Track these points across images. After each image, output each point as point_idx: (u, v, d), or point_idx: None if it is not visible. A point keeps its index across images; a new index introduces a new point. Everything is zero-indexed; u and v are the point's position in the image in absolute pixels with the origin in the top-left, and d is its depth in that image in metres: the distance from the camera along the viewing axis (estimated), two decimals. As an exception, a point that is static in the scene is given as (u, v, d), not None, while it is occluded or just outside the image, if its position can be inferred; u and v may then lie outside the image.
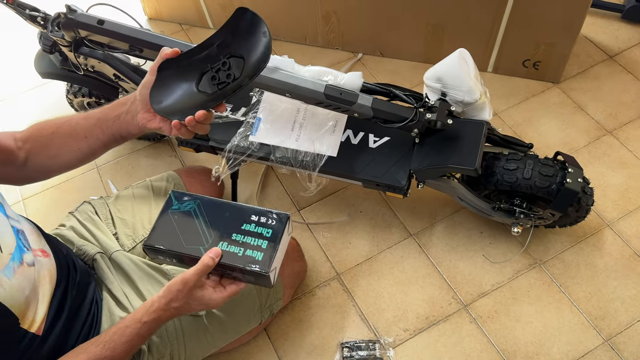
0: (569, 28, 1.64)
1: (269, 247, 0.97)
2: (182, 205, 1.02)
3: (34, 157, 1.02)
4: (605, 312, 1.37)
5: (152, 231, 0.99)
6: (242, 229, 0.99)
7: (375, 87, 1.31)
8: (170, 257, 1.01)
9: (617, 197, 1.56)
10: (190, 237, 0.98)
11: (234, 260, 0.95)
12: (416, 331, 1.38)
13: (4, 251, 0.84)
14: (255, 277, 0.97)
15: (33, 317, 0.88)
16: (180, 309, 0.92)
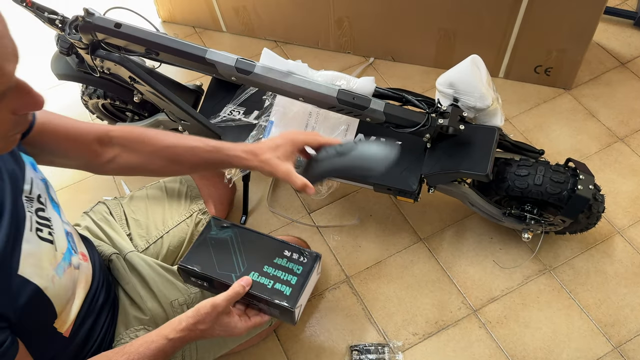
0: (581, 34, 1.65)
1: (298, 284, 1.01)
2: (220, 232, 1.07)
3: (121, 160, 1.06)
4: (615, 319, 1.37)
5: (189, 253, 1.04)
6: (274, 262, 1.04)
7: (387, 92, 1.32)
8: (201, 280, 1.05)
9: (628, 204, 1.56)
10: (224, 263, 1.03)
11: (262, 292, 0.99)
12: (425, 335, 1.38)
13: (57, 250, 0.87)
14: (280, 312, 1.01)
15: (65, 318, 0.91)
16: (205, 331, 0.93)
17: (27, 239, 0.80)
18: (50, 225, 0.88)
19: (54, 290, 0.83)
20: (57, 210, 0.94)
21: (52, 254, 0.85)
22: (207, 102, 1.52)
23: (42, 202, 0.89)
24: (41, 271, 0.81)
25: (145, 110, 1.59)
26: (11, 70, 0.63)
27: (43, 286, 0.81)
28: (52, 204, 0.93)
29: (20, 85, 0.66)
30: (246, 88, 1.50)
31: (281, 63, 1.30)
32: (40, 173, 0.94)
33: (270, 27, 2.05)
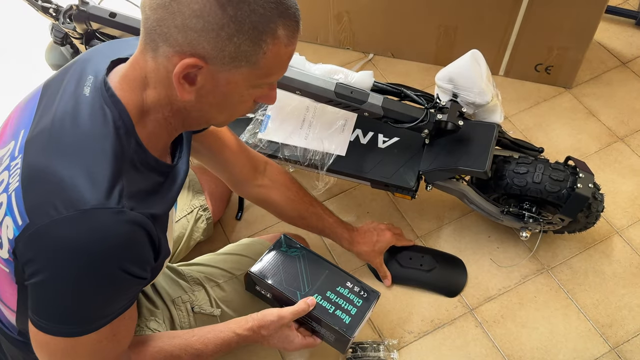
0: (582, 33, 1.63)
1: (358, 315, 1.09)
2: (290, 250, 1.14)
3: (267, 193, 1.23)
4: (613, 320, 1.36)
5: (259, 262, 1.11)
6: (337, 290, 1.11)
7: (386, 87, 1.31)
8: (266, 291, 1.11)
9: (627, 204, 1.55)
10: (291, 280, 1.10)
11: (324, 315, 1.06)
12: (421, 334, 1.37)
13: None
14: (336, 337, 1.08)
15: None
16: (265, 338, 1.00)
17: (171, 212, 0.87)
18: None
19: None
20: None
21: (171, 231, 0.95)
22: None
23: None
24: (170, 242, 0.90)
25: (140, 103, 1.57)
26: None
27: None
28: None
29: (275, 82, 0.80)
30: (243, 81, 1.48)
31: (278, 56, 1.28)
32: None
33: (269, 21, 2.03)
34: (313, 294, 1.08)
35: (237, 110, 0.80)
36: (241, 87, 0.74)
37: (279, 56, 0.72)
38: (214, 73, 0.70)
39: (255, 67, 0.71)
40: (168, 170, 0.82)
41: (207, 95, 0.73)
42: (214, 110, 0.77)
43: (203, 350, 0.94)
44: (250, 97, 0.77)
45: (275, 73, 0.75)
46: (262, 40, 0.68)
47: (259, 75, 0.73)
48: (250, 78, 0.72)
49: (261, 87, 0.76)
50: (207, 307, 1.15)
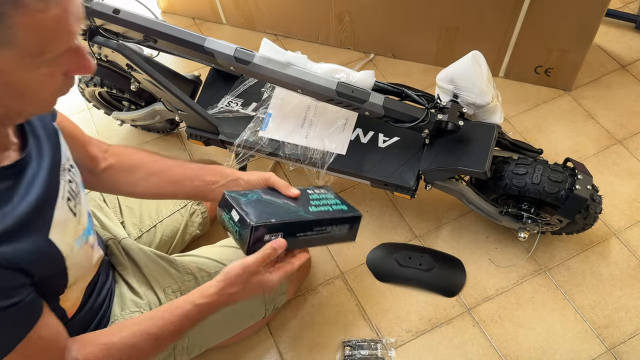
0: (582, 35, 1.64)
1: (345, 203, 1.06)
2: (248, 197, 0.98)
3: (112, 173, 1.08)
4: (610, 321, 1.36)
5: (248, 215, 0.90)
6: (313, 199, 1.03)
7: (387, 87, 1.31)
8: (276, 233, 0.95)
9: (625, 206, 1.56)
10: (282, 210, 0.97)
11: (332, 214, 1.00)
12: (418, 332, 1.37)
13: (80, 224, 0.87)
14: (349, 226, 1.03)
15: (70, 296, 0.91)
16: (236, 295, 0.91)
17: (59, 206, 0.81)
18: (78, 199, 0.89)
19: (71, 261, 0.83)
20: (83, 190, 0.95)
21: (75, 226, 0.85)
22: (205, 92, 1.51)
23: (73, 174, 0.90)
24: (65, 239, 0.81)
25: (142, 100, 1.57)
26: (77, 31, 0.66)
27: (65, 254, 0.81)
28: (81, 183, 0.94)
29: (77, 47, 0.68)
30: (245, 79, 1.49)
31: (280, 54, 1.29)
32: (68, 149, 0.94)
33: (271, 20, 2.04)
34: (308, 209, 0.99)
35: (45, 93, 0.70)
36: (20, 72, 0.64)
37: (38, 26, 0.61)
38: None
39: (15, 47, 0.61)
40: (11, 170, 0.74)
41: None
42: (14, 101, 0.69)
43: (160, 334, 0.88)
44: (52, 75, 0.68)
45: (54, 44, 0.64)
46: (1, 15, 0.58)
47: (30, 53, 0.63)
48: (20, 59, 0.63)
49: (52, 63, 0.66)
50: None
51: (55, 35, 0.63)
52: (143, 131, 1.82)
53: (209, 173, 1.07)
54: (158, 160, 1.10)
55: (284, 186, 1.02)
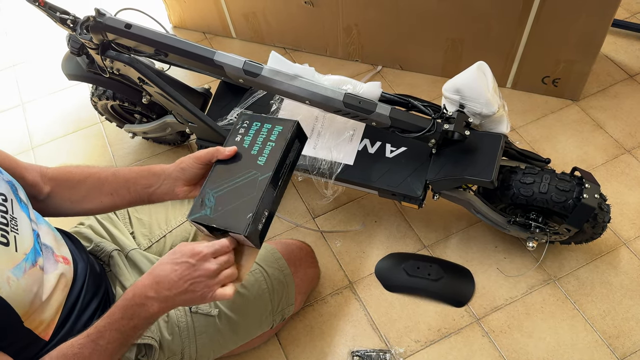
0: (589, 46, 1.65)
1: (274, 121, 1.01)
2: (207, 207, 0.94)
3: (55, 196, 1.06)
4: (620, 331, 1.36)
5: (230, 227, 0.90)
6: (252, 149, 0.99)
7: (393, 97, 1.33)
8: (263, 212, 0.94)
9: (634, 216, 1.55)
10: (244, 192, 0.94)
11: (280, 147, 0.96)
12: (427, 343, 1.37)
13: (18, 250, 0.85)
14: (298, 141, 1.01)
15: (40, 319, 0.89)
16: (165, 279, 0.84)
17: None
18: (13, 225, 0.87)
19: (10, 291, 0.81)
20: (26, 211, 0.93)
21: (8, 255, 0.83)
22: (214, 105, 1.53)
23: (2, 202, 0.88)
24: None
25: (153, 112, 1.60)
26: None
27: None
28: (20, 205, 0.92)
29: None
30: (254, 92, 1.51)
31: (288, 66, 1.31)
32: (6, 175, 0.93)
33: (279, 33, 2.07)
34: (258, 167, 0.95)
35: None
36: None
37: None
38: None
39: None
40: None
41: None
42: None
43: (91, 354, 0.83)
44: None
45: None
46: None
47: None
48: None
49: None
50: (205, 306, 1.14)
51: None
52: (154, 143, 1.85)
53: (142, 177, 1.03)
54: (92, 175, 1.07)
55: (213, 154, 0.98)
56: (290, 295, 1.28)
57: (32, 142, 1.94)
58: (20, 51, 2.31)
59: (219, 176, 0.97)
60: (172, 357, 1.10)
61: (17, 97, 2.12)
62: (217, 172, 0.97)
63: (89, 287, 1.03)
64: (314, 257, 1.41)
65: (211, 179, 0.97)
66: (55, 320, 0.92)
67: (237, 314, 1.17)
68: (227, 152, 0.97)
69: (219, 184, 0.96)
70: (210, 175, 0.97)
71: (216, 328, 1.15)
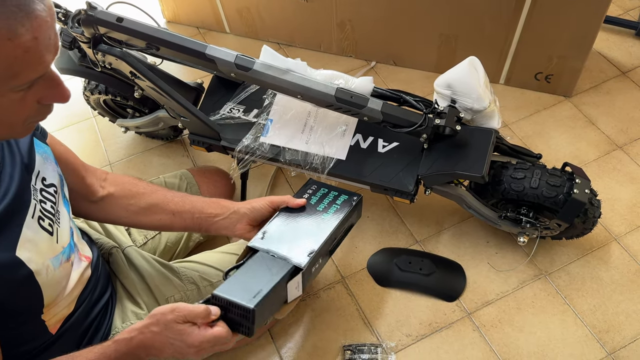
0: (581, 42, 1.65)
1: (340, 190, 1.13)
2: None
3: (112, 201, 1.08)
4: (610, 326, 1.36)
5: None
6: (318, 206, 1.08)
7: (385, 92, 1.33)
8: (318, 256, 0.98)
9: (625, 211, 1.56)
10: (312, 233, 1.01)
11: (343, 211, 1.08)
12: (419, 337, 1.38)
13: (59, 242, 0.88)
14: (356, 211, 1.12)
15: (54, 312, 0.90)
16: (156, 335, 0.81)
17: (27, 225, 0.81)
18: (57, 218, 0.89)
19: (46, 279, 0.84)
20: (67, 207, 0.96)
21: (50, 245, 0.86)
22: (207, 99, 1.53)
23: (53, 193, 0.90)
24: (37, 258, 0.82)
25: (145, 107, 1.60)
26: (49, 61, 0.66)
27: (36, 272, 0.81)
28: (64, 200, 0.95)
29: (51, 76, 0.69)
30: (246, 87, 1.51)
31: (280, 61, 1.31)
32: (58, 168, 0.95)
33: (273, 29, 2.07)
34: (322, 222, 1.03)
35: (15, 119, 0.70)
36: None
37: (6, 53, 0.60)
38: None
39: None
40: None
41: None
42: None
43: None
44: (22, 102, 0.67)
45: (22, 72, 0.64)
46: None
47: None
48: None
49: (23, 89, 0.66)
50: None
51: (24, 64, 0.63)
52: (147, 138, 1.85)
53: (210, 206, 1.07)
54: (158, 191, 1.10)
55: (285, 200, 1.05)
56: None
57: (25, 136, 1.93)
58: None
59: (283, 222, 1.03)
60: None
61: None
62: (281, 219, 1.04)
63: (100, 284, 1.05)
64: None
65: (274, 222, 1.03)
66: (65, 316, 0.94)
67: None
68: (298, 202, 1.04)
69: (283, 224, 1.03)
70: (273, 220, 1.03)
71: None
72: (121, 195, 1.08)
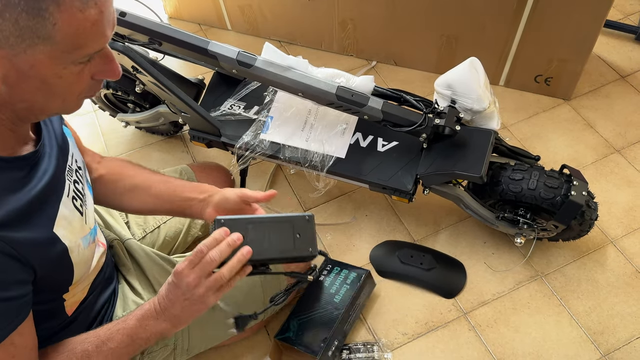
0: (581, 46, 1.66)
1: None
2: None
3: (101, 184, 1.09)
4: (605, 328, 1.37)
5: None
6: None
7: (386, 92, 1.34)
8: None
9: (622, 214, 1.57)
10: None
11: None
12: (415, 335, 1.38)
13: (87, 223, 0.90)
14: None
15: (74, 294, 0.92)
16: (163, 295, 0.85)
17: (64, 203, 0.83)
18: (85, 199, 0.92)
19: (77, 257, 0.86)
20: (91, 191, 0.98)
21: (81, 224, 0.88)
22: (208, 95, 1.54)
23: (82, 175, 0.93)
24: (71, 235, 0.84)
25: (146, 102, 1.60)
26: (109, 35, 0.69)
27: (70, 248, 0.83)
28: (88, 185, 0.97)
29: (107, 52, 0.73)
30: (247, 83, 1.52)
31: (282, 58, 1.31)
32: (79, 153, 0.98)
33: (275, 26, 2.07)
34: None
35: (70, 92, 0.73)
36: (53, 68, 0.67)
37: (76, 24, 0.64)
38: (9, 58, 0.64)
39: (54, 42, 0.64)
40: (27, 161, 0.78)
41: (19, 83, 0.67)
42: (40, 97, 0.71)
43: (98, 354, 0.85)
44: (80, 75, 0.70)
45: (86, 44, 0.67)
46: (42, 9, 0.61)
47: (65, 49, 0.65)
48: (56, 55, 0.65)
49: (83, 62, 0.69)
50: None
51: (90, 36, 0.66)
52: (147, 133, 1.85)
53: (190, 190, 1.06)
54: (143, 173, 1.11)
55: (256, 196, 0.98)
56: (282, 286, 1.29)
57: (25, 129, 1.93)
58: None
59: (302, 307, 1.32)
60: (165, 347, 1.11)
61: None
62: (302, 303, 1.32)
63: (108, 273, 1.07)
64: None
65: (296, 310, 1.32)
66: (80, 299, 0.96)
67: (229, 305, 1.18)
68: (266, 194, 0.97)
69: (302, 313, 1.31)
70: (296, 307, 1.32)
71: (208, 319, 1.16)
72: (110, 176, 1.10)
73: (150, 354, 1.08)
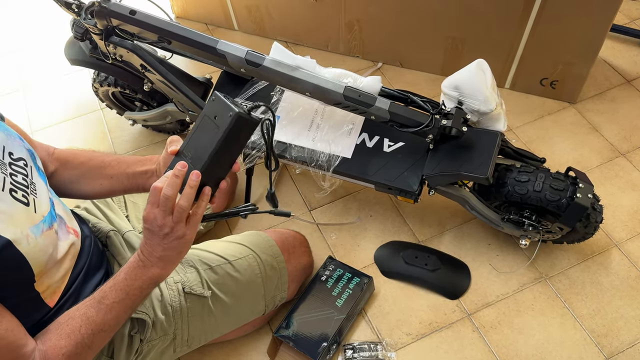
0: (587, 49, 1.67)
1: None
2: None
3: (58, 175, 1.10)
4: (608, 330, 1.38)
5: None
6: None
7: (393, 92, 1.34)
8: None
9: (626, 218, 1.57)
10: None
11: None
12: (419, 336, 1.39)
13: (37, 212, 0.90)
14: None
15: (49, 284, 0.92)
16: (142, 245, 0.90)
17: (0, 198, 0.83)
18: (32, 189, 0.91)
19: (28, 247, 0.85)
20: (43, 179, 0.98)
21: (28, 214, 0.87)
22: (215, 94, 1.54)
23: (23, 167, 0.93)
24: (14, 227, 0.83)
25: (154, 100, 1.61)
26: None
27: (14, 240, 0.82)
28: (39, 172, 0.97)
29: None
30: (255, 83, 1.52)
31: (290, 57, 1.32)
32: (26, 144, 0.98)
33: (282, 27, 2.08)
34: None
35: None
36: None
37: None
38: None
39: None
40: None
41: None
42: None
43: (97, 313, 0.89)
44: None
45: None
46: None
47: None
48: None
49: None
50: (198, 287, 1.16)
51: None
52: (154, 132, 1.86)
53: (142, 164, 1.07)
54: (96, 157, 1.11)
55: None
56: (283, 282, 1.30)
57: (32, 126, 1.94)
58: (23, 35, 2.31)
59: (304, 305, 1.35)
60: (164, 336, 1.11)
61: (18, 81, 2.12)
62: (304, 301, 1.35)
63: (93, 261, 1.06)
64: (308, 247, 1.43)
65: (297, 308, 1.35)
66: (61, 288, 0.96)
67: (230, 297, 1.19)
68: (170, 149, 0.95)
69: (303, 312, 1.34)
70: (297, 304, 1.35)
71: (208, 310, 1.17)
72: (63, 168, 1.11)
73: (150, 342, 1.09)
